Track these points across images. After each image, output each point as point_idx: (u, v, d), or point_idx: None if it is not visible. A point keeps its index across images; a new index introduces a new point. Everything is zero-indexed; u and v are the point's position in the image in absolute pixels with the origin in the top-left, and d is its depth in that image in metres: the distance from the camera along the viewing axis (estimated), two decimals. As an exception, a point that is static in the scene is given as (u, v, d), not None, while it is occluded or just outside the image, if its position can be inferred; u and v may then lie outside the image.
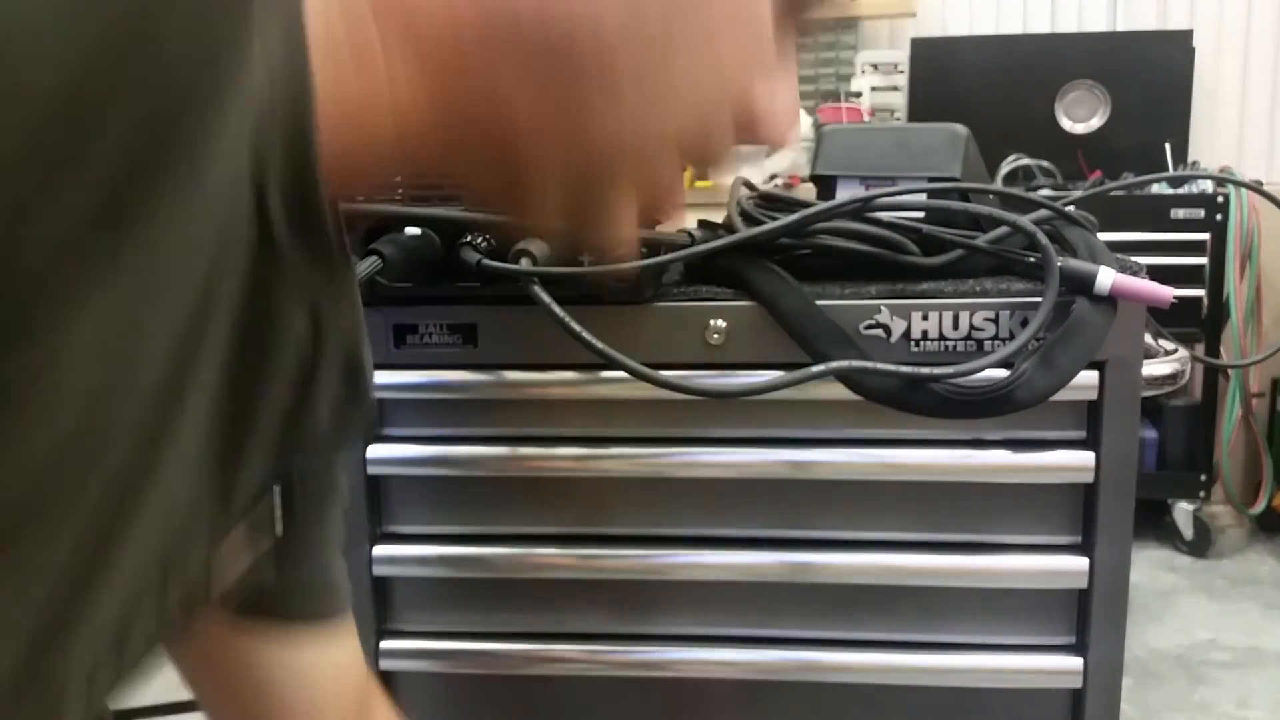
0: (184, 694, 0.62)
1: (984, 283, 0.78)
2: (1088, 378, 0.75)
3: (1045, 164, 2.73)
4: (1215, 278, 2.62)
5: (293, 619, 0.52)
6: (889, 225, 0.80)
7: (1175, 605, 2.49)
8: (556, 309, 0.72)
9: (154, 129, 0.24)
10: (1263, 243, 2.62)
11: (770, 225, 0.79)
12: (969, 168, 0.88)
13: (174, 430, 0.30)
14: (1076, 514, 0.80)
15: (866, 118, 2.96)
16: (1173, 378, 0.87)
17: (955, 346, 0.76)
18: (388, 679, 0.87)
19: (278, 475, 0.41)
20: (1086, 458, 0.77)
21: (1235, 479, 2.87)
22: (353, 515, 0.84)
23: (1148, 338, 0.87)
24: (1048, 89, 2.98)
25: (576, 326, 0.72)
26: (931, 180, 0.86)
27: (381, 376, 0.81)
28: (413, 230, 0.75)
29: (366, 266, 0.71)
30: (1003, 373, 0.72)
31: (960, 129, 0.89)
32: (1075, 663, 0.80)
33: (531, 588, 0.85)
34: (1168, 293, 0.72)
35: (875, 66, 3.07)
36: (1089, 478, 0.78)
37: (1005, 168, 2.69)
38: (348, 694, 0.57)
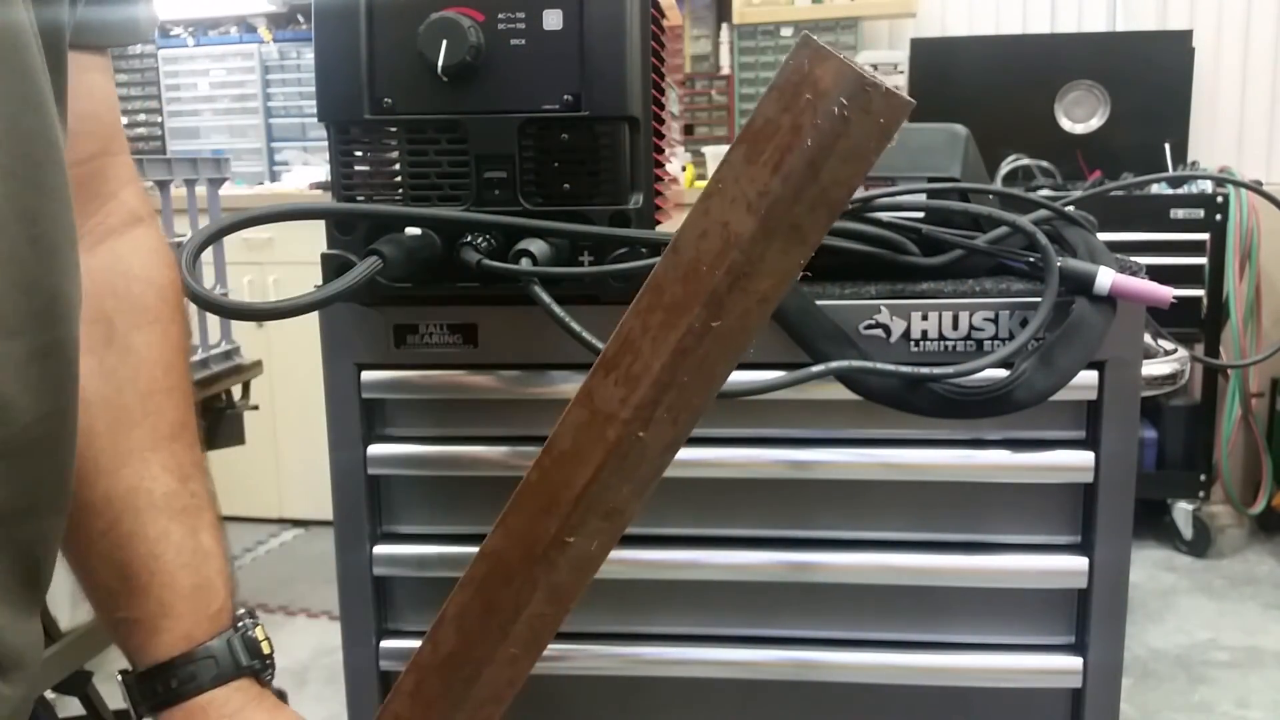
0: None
1: (984, 283, 0.78)
2: (1087, 378, 0.75)
3: (1045, 164, 2.73)
4: (1215, 278, 2.62)
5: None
6: (889, 225, 0.80)
7: (1175, 605, 2.49)
8: (556, 309, 0.72)
9: None
10: (1262, 243, 2.62)
11: (770, 225, 0.79)
12: (969, 168, 0.88)
13: None
14: (1076, 514, 0.80)
15: (866, 118, 2.96)
16: (1172, 378, 0.87)
17: (955, 346, 0.76)
18: (388, 679, 0.87)
19: None
20: (1086, 457, 0.77)
21: (1235, 479, 2.87)
22: (353, 515, 0.84)
23: (1147, 338, 0.87)
24: (1048, 89, 2.98)
25: (576, 326, 0.72)
26: (931, 180, 0.86)
27: (381, 376, 0.82)
28: (413, 230, 0.75)
29: (366, 266, 0.71)
30: (1002, 373, 0.72)
31: (960, 129, 0.90)
32: (1075, 662, 0.80)
33: (531, 587, 0.85)
34: (1167, 293, 0.72)
35: (875, 67, 3.06)
36: (1089, 477, 0.78)
37: (1005, 168, 2.69)
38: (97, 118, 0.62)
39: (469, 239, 0.74)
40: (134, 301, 0.62)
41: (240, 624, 0.65)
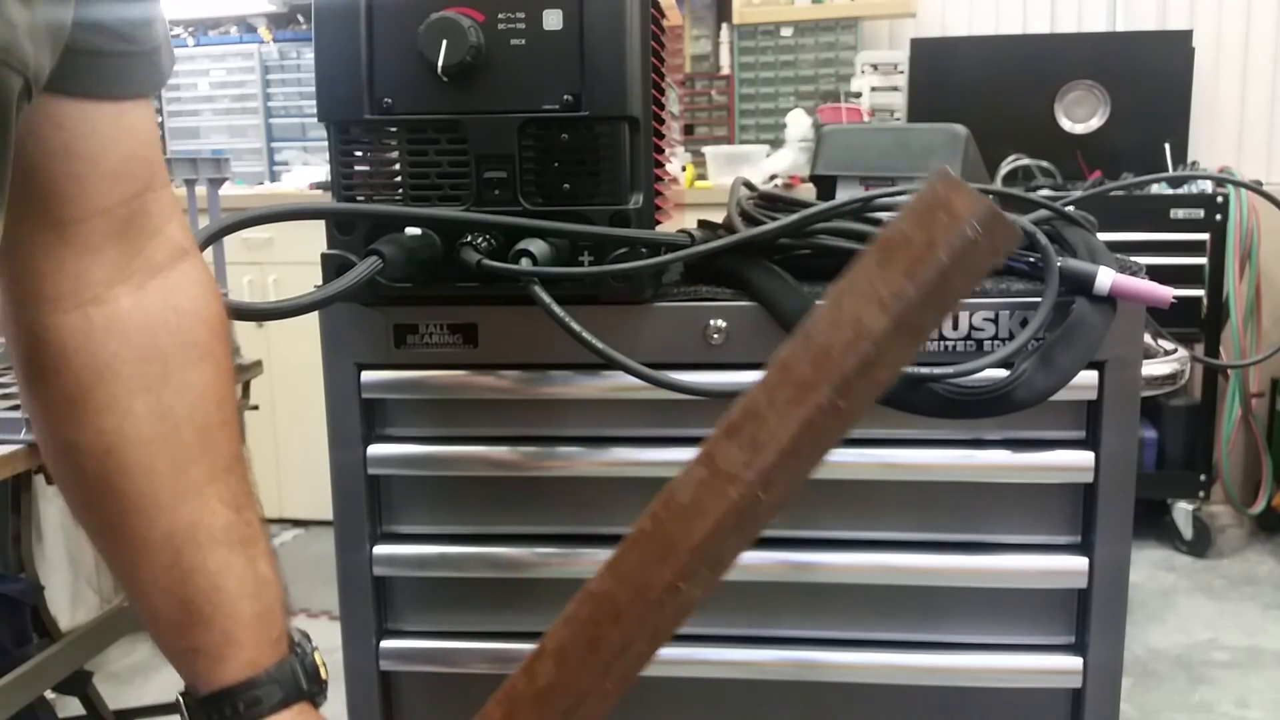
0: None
1: (984, 283, 0.78)
2: (1087, 378, 0.75)
3: (1045, 164, 2.73)
4: (1215, 278, 2.62)
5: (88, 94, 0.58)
6: (889, 225, 0.80)
7: (1175, 605, 2.49)
8: (556, 309, 0.72)
9: None
10: (1262, 243, 2.62)
11: (770, 225, 0.79)
12: (969, 168, 0.88)
13: None
14: (1076, 514, 0.80)
15: (866, 118, 2.96)
16: (1172, 378, 0.87)
17: (955, 346, 0.76)
18: (388, 679, 0.87)
19: None
20: (1086, 457, 0.77)
21: (1235, 479, 2.87)
22: (353, 515, 0.84)
23: (1147, 338, 0.87)
24: (1048, 89, 2.98)
25: (576, 326, 0.72)
26: (931, 180, 0.86)
27: (381, 376, 0.82)
28: (413, 230, 0.75)
29: (366, 267, 0.71)
30: (1003, 373, 0.72)
31: (960, 129, 0.90)
32: (1075, 662, 0.80)
33: (531, 587, 0.85)
34: (1167, 293, 0.72)
35: (875, 67, 3.06)
36: (1089, 477, 0.78)
37: (1005, 168, 2.69)
38: (130, 159, 0.62)
39: (469, 239, 0.74)
40: (185, 337, 0.64)
41: (299, 648, 0.66)
